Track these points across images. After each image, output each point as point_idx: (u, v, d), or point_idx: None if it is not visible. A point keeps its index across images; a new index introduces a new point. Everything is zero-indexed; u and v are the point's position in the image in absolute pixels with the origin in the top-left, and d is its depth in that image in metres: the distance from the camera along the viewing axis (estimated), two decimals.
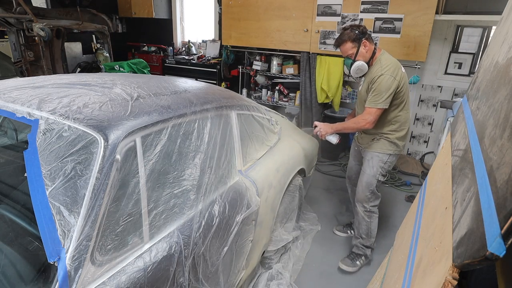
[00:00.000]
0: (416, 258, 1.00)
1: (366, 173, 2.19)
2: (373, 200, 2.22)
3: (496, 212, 0.54)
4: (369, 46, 2.02)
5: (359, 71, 2.06)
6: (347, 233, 2.66)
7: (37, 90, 1.35)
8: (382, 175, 2.17)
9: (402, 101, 2.05)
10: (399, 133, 2.11)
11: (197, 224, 1.35)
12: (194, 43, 5.54)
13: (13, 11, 3.25)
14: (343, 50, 2.08)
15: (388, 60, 2.00)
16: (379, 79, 1.94)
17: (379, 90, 1.94)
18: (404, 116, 2.10)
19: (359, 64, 2.03)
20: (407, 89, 2.06)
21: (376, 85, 1.95)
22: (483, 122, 0.88)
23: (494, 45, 1.20)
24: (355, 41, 2.01)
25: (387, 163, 2.15)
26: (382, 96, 1.94)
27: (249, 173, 1.79)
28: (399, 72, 1.97)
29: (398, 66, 2.01)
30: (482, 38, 3.43)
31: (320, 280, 2.22)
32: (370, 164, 2.17)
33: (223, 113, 1.68)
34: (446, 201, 0.94)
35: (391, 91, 1.94)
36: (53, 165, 1.03)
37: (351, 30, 2.02)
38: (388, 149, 2.12)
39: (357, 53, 2.03)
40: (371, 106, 1.97)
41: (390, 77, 1.93)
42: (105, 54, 4.42)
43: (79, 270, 0.95)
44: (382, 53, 2.06)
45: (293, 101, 4.34)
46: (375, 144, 2.15)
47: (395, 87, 1.94)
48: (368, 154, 2.19)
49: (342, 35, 2.06)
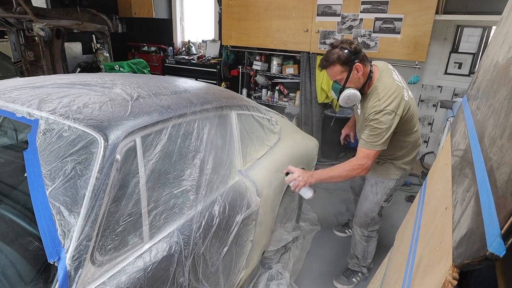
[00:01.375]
0: (416, 258, 1.00)
1: (369, 199, 1.95)
2: (373, 225, 2.02)
3: (496, 212, 0.54)
4: (363, 69, 1.64)
5: (349, 101, 1.70)
6: (346, 233, 2.66)
7: (37, 90, 1.35)
8: (386, 201, 1.96)
9: (408, 127, 1.75)
10: (407, 158, 1.85)
11: (197, 224, 1.35)
12: (194, 43, 5.54)
13: (13, 11, 3.25)
14: (330, 74, 1.69)
15: (387, 89, 1.63)
16: (377, 116, 1.59)
17: (379, 131, 1.60)
18: (412, 139, 1.82)
19: (350, 93, 1.66)
20: (414, 113, 1.74)
21: (374, 123, 1.60)
22: (483, 122, 0.88)
23: (494, 45, 1.20)
24: (346, 64, 1.62)
25: (393, 188, 1.92)
26: (382, 137, 1.61)
27: (249, 173, 1.79)
28: (401, 103, 1.62)
29: (400, 94, 1.63)
30: (482, 38, 3.43)
31: (320, 280, 2.22)
32: (374, 190, 1.93)
33: (223, 113, 1.68)
34: (446, 201, 0.94)
35: (392, 129, 1.61)
36: (53, 165, 1.03)
37: (341, 49, 1.62)
38: (395, 173, 1.87)
39: (348, 79, 1.65)
40: (370, 148, 1.63)
41: (391, 113, 1.59)
42: (105, 54, 4.42)
43: (79, 270, 0.95)
44: (379, 78, 1.68)
45: (293, 101, 4.34)
46: (379, 167, 1.89)
47: (397, 122, 1.62)
48: (372, 179, 1.93)
49: (330, 55, 1.64)
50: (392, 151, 1.82)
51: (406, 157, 1.86)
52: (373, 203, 1.95)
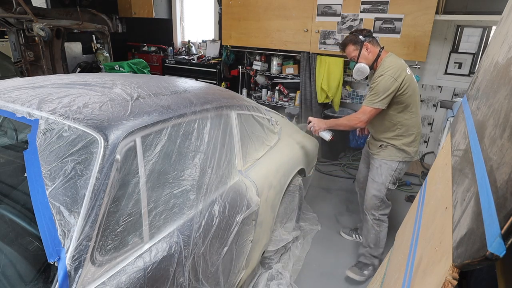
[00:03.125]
0: (416, 258, 1.00)
1: (375, 181, 2.13)
2: (383, 208, 2.17)
3: (496, 212, 0.54)
4: (371, 48, 2.03)
5: (359, 73, 2.07)
6: (353, 237, 2.62)
7: (37, 90, 1.35)
8: (392, 183, 2.11)
9: (407, 104, 1.99)
10: (406, 138, 2.05)
11: (197, 224, 1.35)
12: (194, 43, 5.54)
13: (13, 11, 3.25)
14: (347, 52, 2.12)
15: (392, 62, 1.96)
16: (378, 79, 1.92)
17: (377, 90, 1.91)
18: (410, 120, 2.03)
19: (360, 66, 2.04)
20: (413, 93, 1.99)
21: (375, 84, 1.93)
22: (483, 122, 0.88)
23: (494, 45, 1.20)
24: (357, 43, 2.04)
25: (397, 170, 2.09)
26: (379, 96, 1.91)
27: (249, 173, 1.79)
28: (402, 74, 1.92)
29: (402, 68, 1.95)
30: (482, 38, 3.43)
31: (320, 280, 2.22)
32: (378, 172, 2.11)
33: (223, 113, 1.68)
34: (446, 201, 0.94)
35: (389, 92, 1.90)
36: (53, 165, 1.03)
37: (354, 34, 2.07)
38: (397, 155, 2.07)
39: (359, 56, 2.05)
40: (367, 104, 1.96)
41: (390, 78, 1.89)
42: (105, 54, 4.43)
43: (79, 270, 0.95)
44: (388, 56, 2.03)
45: (293, 101, 4.34)
46: (383, 151, 2.10)
47: (395, 88, 1.90)
48: (377, 162, 2.13)
49: (345, 39, 2.12)
50: (392, 131, 2.05)
51: (404, 137, 2.05)
52: (379, 183, 2.12)
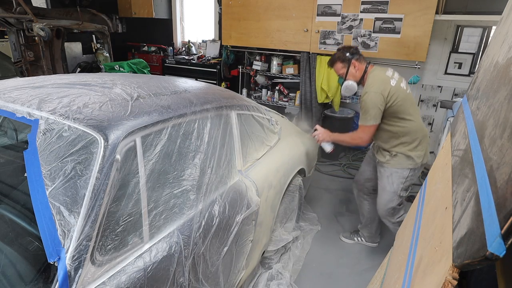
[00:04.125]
0: (416, 258, 1.00)
1: (386, 190, 2.14)
2: (397, 212, 2.18)
3: (496, 212, 0.54)
4: (358, 66, 2.07)
5: (348, 90, 2.12)
6: (354, 240, 2.60)
7: (37, 90, 1.35)
8: (404, 190, 2.13)
9: (400, 113, 2.00)
10: (411, 144, 2.06)
11: (197, 224, 1.36)
12: (194, 43, 5.54)
13: (13, 11, 3.25)
14: (335, 69, 2.17)
15: (374, 77, 2.02)
16: (364, 97, 1.97)
17: (366, 108, 1.96)
18: (409, 127, 2.04)
19: (348, 84, 2.10)
20: (403, 101, 1.99)
21: (363, 104, 1.98)
22: (483, 122, 0.88)
23: (494, 45, 1.20)
24: (344, 61, 2.10)
25: (408, 177, 2.10)
26: (370, 113, 1.95)
27: (249, 173, 1.79)
28: (386, 87, 1.95)
29: (385, 81, 1.98)
30: (482, 38, 3.43)
31: (320, 280, 2.22)
32: (390, 181, 2.12)
33: (223, 113, 1.68)
34: (446, 201, 0.94)
35: (378, 106, 1.94)
36: (53, 165, 1.03)
37: (342, 52, 2.11)
38: (407, 163, 2.07)
39: (347, 73, 2.10)
40: (362, 123, 2.00)
41: (375, 94, 1.93)
42: (105, 54, 4.42)
43: (79, 270, 0.95)
44: (371, 71, 2.07)
45: (293, 101, 4.34)
46: (393, 160, 2.10)
47: (381, 102, 1.94)
48: (387, 171, 2.13)
49: (333, 56, 2.16)
50: (396, 140, 2.07)
51: (409, 144, 2.06)
52: (390, 193, 2.14)
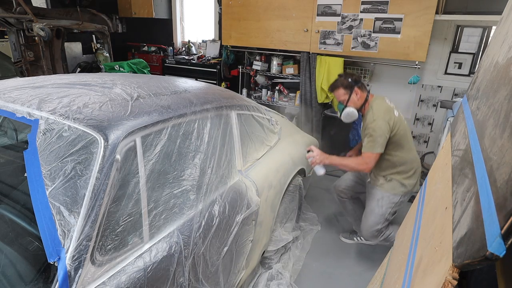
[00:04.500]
0: (416, 258, 1.00)
1: (374, 212, 2.17)
2: (382, 233, 2.20)
3: (496, 212, 0.54)
4: (360, 94, 2.09)
5: (348, 117, 2.13)
6: (354, 240, 2.61)
7: (37, 90, 1.35)
8: (391, 214, 2.18)
9: (401, 143, 2.07)
10: (407, 173, 2.13)
11: (197, 224, 1.36)
12: (194, 43, 5.54)
13: (13, 11, 3.25)
14: (336, 95, 2.16)
15: (380, 106, 2.05)
16: (372, 125, 1.99)
17: (374, 136, 1.98)
18: (407, 157, 2.11)
19: (350, 110, 2.10)
20: (404, 132, 2.08)
21: (371, 131, 1.99)
22: (483, 122, 0.88)
23: (494, 45, 1.20)
24: (347, 88, 2.09)
25: (398, 203, 2.16)
26: (377, 142, 1.98)
27: (249, 173, 1.79)
28: (391, 116, 2.01)
29: (390, 110, 2.04)
30: (482, 38, 3.43)
31: (320, 280, 2.22)
32: (379, 204, 2.16)
33: (223, 113, 1.68)
34: (446, 201, 0.94)
35: (385, 135, 1.99)
36: (53, 165, 1.03)
37: (345, 78, 2.11)
38: (400, 189, 2.13)
39: (349, 100, 2.10)
40: (369, 151, 2.01)
41: (383, 122, 1.98)
42: (105, 54, 4.42)
43: (79, 270, 0.95)
44: (374, 99, 2.11)
45: (293, 101, 4.34)
46: (387, 184, 2.15)
47: (388, 131, 1.99)
48: (379, 193, 2.17)
49: (335, 81, 2.15)
50: (395, 168, 2.12)
51: (406, 173, 2.13)
52: (378, 215, 2.17)
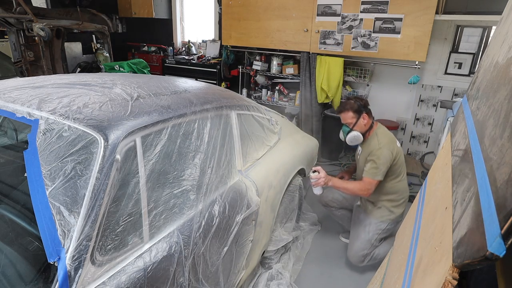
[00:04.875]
0: (416, 258, 1.01)
1: (360, 237, 2.20)
2: (369, 256, 2.21)
3: (496, 212, 0.54)
4: (367, 119, 2.13)
5: (354, 140, 2.15)
6: None
7: (37, 90, 1.35)
8: (378, 240, 2.20)
9: (398, 172, 2.14)
10: (397, 202, 2.18)
11: (197, 224, 1.35)
12: (194, 43, 5.54)
13: (13, 11, 3.25)
14: (344, 117, 2.17)
15: (384, 134, 2.11)
16: (378, 153, 2.03)
17: (378, 164, 2.02)
18: (401, 185, 2.17)
19: (355, 134, 2.13)
20: (402, 163, 2.15)
21: (375, 158, 2.03)
22: (483, 122, 0.88)
23: (494, 45, 1.20)
24: (356, 112, 2.11)
25: (385, 230, 2.19)
26: (380, 169, 2.02)
27: (249, 173, 1.79)
28: (394, 147, 2.07)
29: (393, 140, 2.11)
30: (482, 38, 3.43)
31: (320, 280, 2.22)
32: (366, 230, 2.19)
33: (223, 113, 1.68)
34: (446, 201, 0.94)
35: (387, 164, 2.03)
36: (53, 165, 1.03)
37: (355, 102, 2.13)
38: (389, 217, 2.17)
39: (356, 124, 2.13)
40: (371, 177, 2.04)
41: (388, 151, 2.02)
42: (105, 54, 4.42)
43: (79, 270, 0.95)
44: (379, 127, 2.16)
45: (293, 101, 4.34)
46: (376, 210, 2.19)
47: (391, 160, 2.04)
48: (367, 219, 2.21)
49: (345, 104, 2.16)
50: (387, 195, 2.17)
51: (396, 201, 2.18)
52: (364, 241, 2.19)
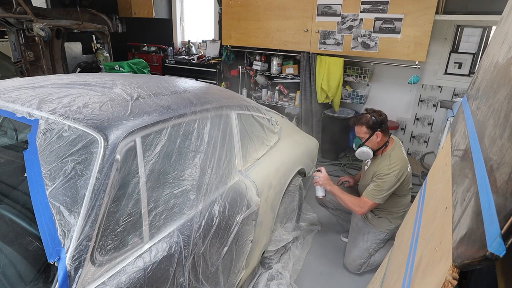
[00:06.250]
0: (416, 258, 1.01)
1: (358, 246, 2.21)
2: (366, 263, 2.22)
3: (496, 212, 0.54)
4: (381, 137, 2.07)
5: (363, 155, 2.12)
6: None
7: (37, 90, 1.35)
8: (375, 250, 2.21)
9: (404, 192, 2.13)
10: (398, 214, 2.18)
11: (197, 224, 1.35)
12: (194, 43, 5.54)
13: (13, 11, 3.25)
14: (357, 130, 2.13)
15: (397, 159, 2.03)
16: (384, 177, 1.99)
17: (381, 188, 2.00)
18: (405, 201, 2.18)
19: (365, 150, 2.08)
20: (409, 183, 2.13)
21: (380, 182, 2.00)
22: (483, 122, 0.88)
23: (494, 45, 1.20)
24: (371, 128, 2.06)
25: (383, 240, 2.20)
26: (382, 193, 2.00)
27: (249, 173, 1.79)
28: (404, 172, 2.02)
29: (405, 165, 2.05)
30: (482, 38, 3.43)
31: (320, 280, 2.22)
32: (365, 238, 2.20)
33: (223, 113, 1.68)
34: (446, 201, 0.94)
35: (391, 190, 2.02)
36: (53, 165, 1.03)
37: (371, 116, 2.07)
38: (388, 227, 2.18)
39: (368, 139, 2.08)
40: (369, 198, 2.03)
41: (395, 178, 1.99)
42: (105, 54, 4.42)
43: (79, 270, 0.95)
44: (393, 148, 2.10)
45: (293, 101, 4.34)
46: (376, 220, 2.19)
47: (396, 187, 2.02)
48: (366, 228, 2.22)
49: (361, 117, 2.11)
50: (390, 207, 2.16)
51: (397, 213, 2.19)
52: (362, 249, 2.20)
